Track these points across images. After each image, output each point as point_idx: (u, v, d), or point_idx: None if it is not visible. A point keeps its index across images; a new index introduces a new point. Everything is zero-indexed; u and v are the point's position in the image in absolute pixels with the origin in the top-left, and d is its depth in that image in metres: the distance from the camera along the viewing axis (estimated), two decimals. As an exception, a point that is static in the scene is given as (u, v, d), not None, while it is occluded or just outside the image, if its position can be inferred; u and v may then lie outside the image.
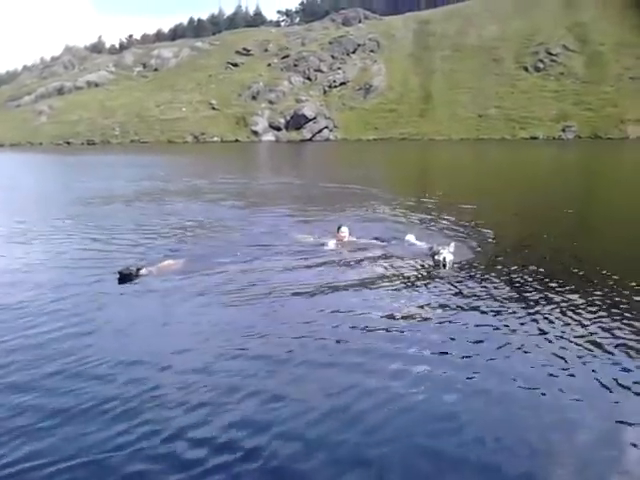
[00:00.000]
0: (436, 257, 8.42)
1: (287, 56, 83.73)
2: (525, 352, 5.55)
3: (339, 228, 10.53)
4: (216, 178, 27.11)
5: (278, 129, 75.28)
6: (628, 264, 9.26)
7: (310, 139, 73.32)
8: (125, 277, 7.91)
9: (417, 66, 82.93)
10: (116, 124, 78.08)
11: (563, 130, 71.47)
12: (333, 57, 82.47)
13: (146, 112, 79.78)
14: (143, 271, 8.09)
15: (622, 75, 74.41)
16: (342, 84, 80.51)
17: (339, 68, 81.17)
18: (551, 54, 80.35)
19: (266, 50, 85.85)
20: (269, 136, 74.70)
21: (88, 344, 5.70)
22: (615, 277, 8.16)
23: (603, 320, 6.36)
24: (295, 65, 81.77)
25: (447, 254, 8.37)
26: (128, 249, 10.51)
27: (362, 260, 9.35)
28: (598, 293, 7.40)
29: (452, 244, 8.85)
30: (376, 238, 10.72)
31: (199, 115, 78.57)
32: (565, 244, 11.01)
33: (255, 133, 74.82)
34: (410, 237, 10.12)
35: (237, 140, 73.75)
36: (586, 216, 15.26)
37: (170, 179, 27.08)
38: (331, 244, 10.22)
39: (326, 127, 74.98)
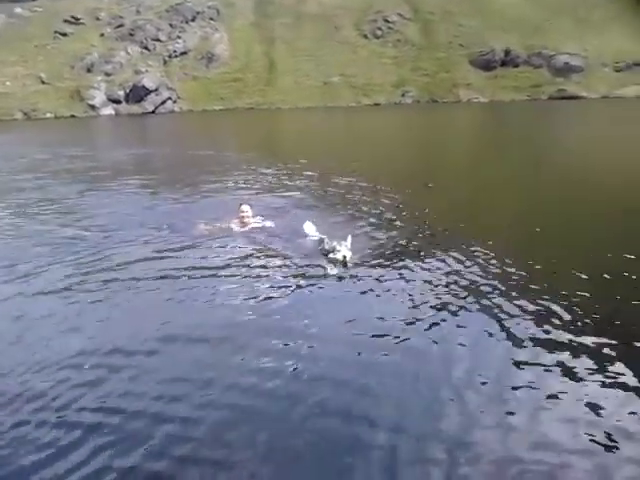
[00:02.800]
0: (331, 255, 7.24)
1: (121, 25, 78.89)
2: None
3: (239, 207, 9.37)
4: (59, 152, 25.04)
5: (117, 102, 71.17)
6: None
7: (153, 112, 70.20)
8: None
9: (259, 35, 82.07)
10: None
11: (403, 95, 74.68)
12: (171, 25, 79.09)
13: (-37, 88, 71.84)
14: None
15: (451, 42, 78.95)
16: (183, 53, 77.59)
17: (179, 37, 78.07)
18: (388, 22, 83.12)
19: (98, 19, 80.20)
20: (108, 110, 70.45)
21: None
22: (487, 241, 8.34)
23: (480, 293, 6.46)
24: (131, 34, 77.39)
25: (345, 250, 7.22)
26: None
27: (258, 248, 8.30)
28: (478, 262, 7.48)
29: (349, 238, 7.56)
30: (278, 218, 9.75)
31: (28, 90, 71.95)
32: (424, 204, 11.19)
33: (92, 107, 70.11)
34: (308, 226, 8.85)
35: (73, 115, 68.72)
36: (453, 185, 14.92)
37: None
38: (233, 225, 9.16)
39: (169, 98, 72.15)
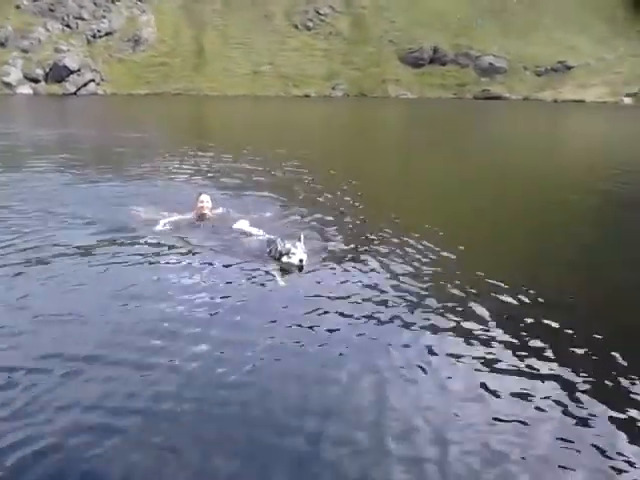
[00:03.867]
0: (285, 259, 6.40)
1: (40, -1, 74.96)
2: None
3: (198, 197, 8.23)
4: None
5: (36, 81, 67.63)
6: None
7: (75, 93, 67.25)
8: None
9: (188, 19, 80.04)
10: None
11: (333, 88, 75.10)
12: (95, 4, 75.73)
13: None
14: None
15: (382, 37, 79.98)
16: (108, 34, 74.55)
17: (103, 17, 74.95)
18: (320, 14, 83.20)
19: (13, -10, 75.74)
20: (25, 89, 66.77)
21: None
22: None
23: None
24: (51, 10, 73.46)
25: (301, 253, 6.37)
26: None
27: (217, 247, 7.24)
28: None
29: (302, 236, 6.74)
30: (245, 211, 8.56)
31: None
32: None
33: (8, 85, 66.35)
34: (241, 224, 7.75)
35: (-15, 93, 64.96)
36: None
37: None
38: (189, 216, 8.06)
39: (92, 80, 69.30)
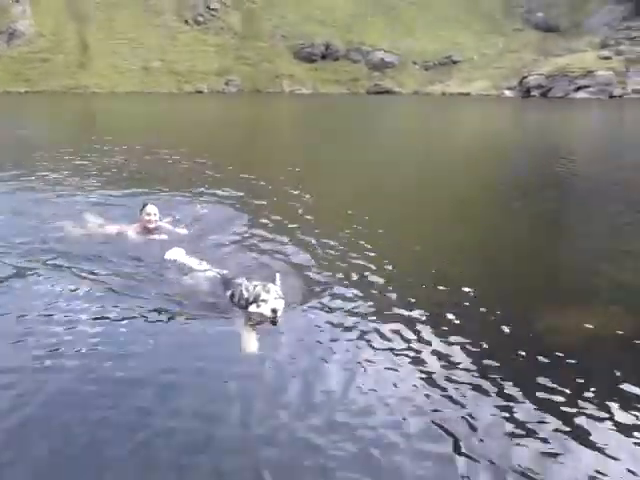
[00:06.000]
0: (254, 308, 4.55)
1: None
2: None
3: (143, 208, 6.72)
4: None
5: None
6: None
7: (-58, 91, 62.60)
8: None
9: (70, 12, 76.41)
10: None
11: (226, 84, 74.57)
12: (-41, -8, 70.76)
13: None
14: None
15: (274, 32, 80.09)
16: (-23, 26, 69.85)
17: (-30, 6, 70.09)
18: (210, 9, 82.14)
19: None
20: None
21: None
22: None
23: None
24: None
25: (274, 300, 4.53)
26: None
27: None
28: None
29: (277, 276, 4.91)
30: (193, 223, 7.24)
31: None
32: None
33: None
34: (174, 254, 5.80)
35: None
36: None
37: None
38: (131, 233, 6.63)
39: (-37, 77, 64.72)
